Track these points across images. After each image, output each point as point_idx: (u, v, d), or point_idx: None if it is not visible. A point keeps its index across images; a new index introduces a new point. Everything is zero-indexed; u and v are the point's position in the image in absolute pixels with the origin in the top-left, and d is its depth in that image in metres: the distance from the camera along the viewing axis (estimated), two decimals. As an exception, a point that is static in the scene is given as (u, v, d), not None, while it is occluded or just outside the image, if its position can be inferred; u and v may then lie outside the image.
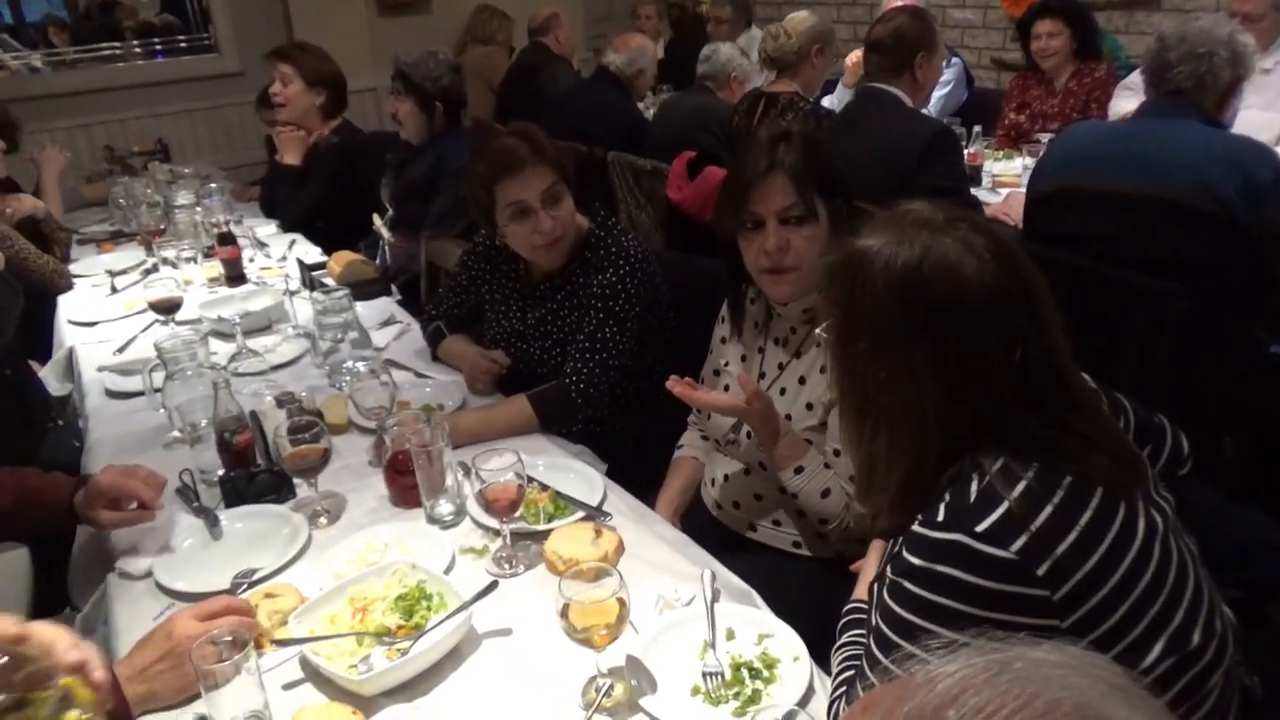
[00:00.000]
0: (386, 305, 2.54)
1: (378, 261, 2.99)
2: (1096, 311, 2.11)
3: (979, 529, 0.86)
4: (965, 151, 3.37)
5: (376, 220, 3.08)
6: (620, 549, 1.43)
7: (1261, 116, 3.20)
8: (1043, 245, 2.36)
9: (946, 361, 0.91)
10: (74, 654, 0.91)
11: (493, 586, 1.28)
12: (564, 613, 1.12)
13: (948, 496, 0.91)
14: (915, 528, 0.91)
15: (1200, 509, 1.18)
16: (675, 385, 1.51)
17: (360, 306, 2.41)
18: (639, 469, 1.84)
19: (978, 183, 3.27)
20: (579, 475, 1.64)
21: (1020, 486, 0.88)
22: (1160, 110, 2.21)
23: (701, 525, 1.72)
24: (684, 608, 1.30)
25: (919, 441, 0.93)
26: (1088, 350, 2.12)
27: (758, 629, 1.25)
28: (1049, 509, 0.87)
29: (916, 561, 0.90)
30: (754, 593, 1.33)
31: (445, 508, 1.55)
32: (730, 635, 1.24)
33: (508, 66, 4.76)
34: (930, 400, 0.92)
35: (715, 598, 1.31)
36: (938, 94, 4.03)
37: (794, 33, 3.08)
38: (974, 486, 0.90)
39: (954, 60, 4.12)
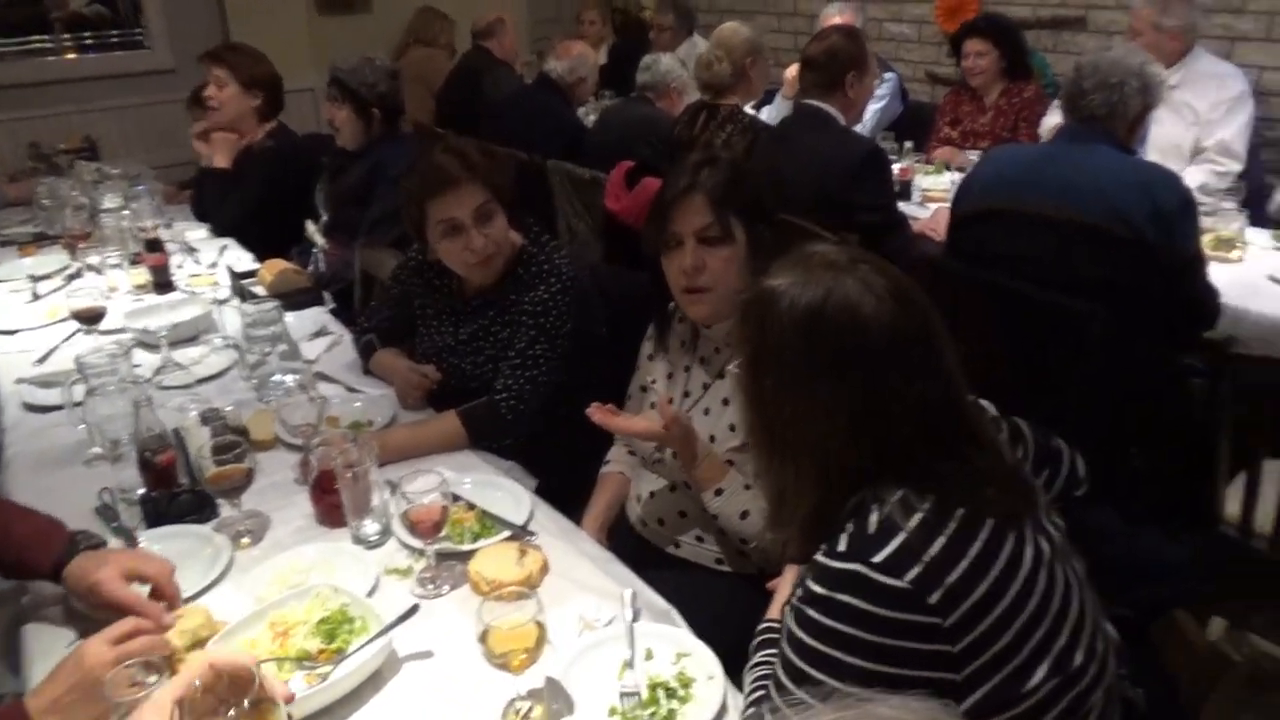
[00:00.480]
0: (319, 316, 2.51)
1: (311, 269, 2.96)
2: (1021, 331, 2.20)
3: (876, 559, 0.91)
4: (896, 166, 3.46)
5: (310, 226, 3.05)
6: (545, 568, 1.45)
7: (1173, 132, 3.33)
8: (969, 265, 2.44)
9: (849, 398, 0.95)
10: (282, 688, 1.01)
11: (413, 610, 1.29)
12: (483, 637, 1.14)
13: (850, 527, 0.95)
14: (818, 557, 0.95)
15: (1096, 530, 1.24)
16: (595, 413, 1.54)
17: (291, 317, 2.40)
18: (572, 484, 1.86)
19: (908, 197, 3.36)
20: (506, 493, 1.65)
21: (916, 518, 0.92)
22: (1075, 135, 2.30)
23: (627, 541, 1.75)
24: (605, 628, 1.33)
25: (823, 474, 0.97)
26: (1012, 368, 2.21)
27: (676, 648, 1.28)
28: (942, 540, 0.91)
29: (818, 590, 0.94)
30: (674, 611, 1.36)
31: (371, 527, 1.55)
32: (649, 655, 1.27)
33: (449, 70, 4.73)
34: (833, 435, 0.96)
35: (635, 617, 1.33)
36: (873, 107, 4.11)
37: (726, 55, 3.13)
38: (874, 518, 0.94)
39: (889, 75, 4.21)
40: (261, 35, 4.80)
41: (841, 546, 0.94)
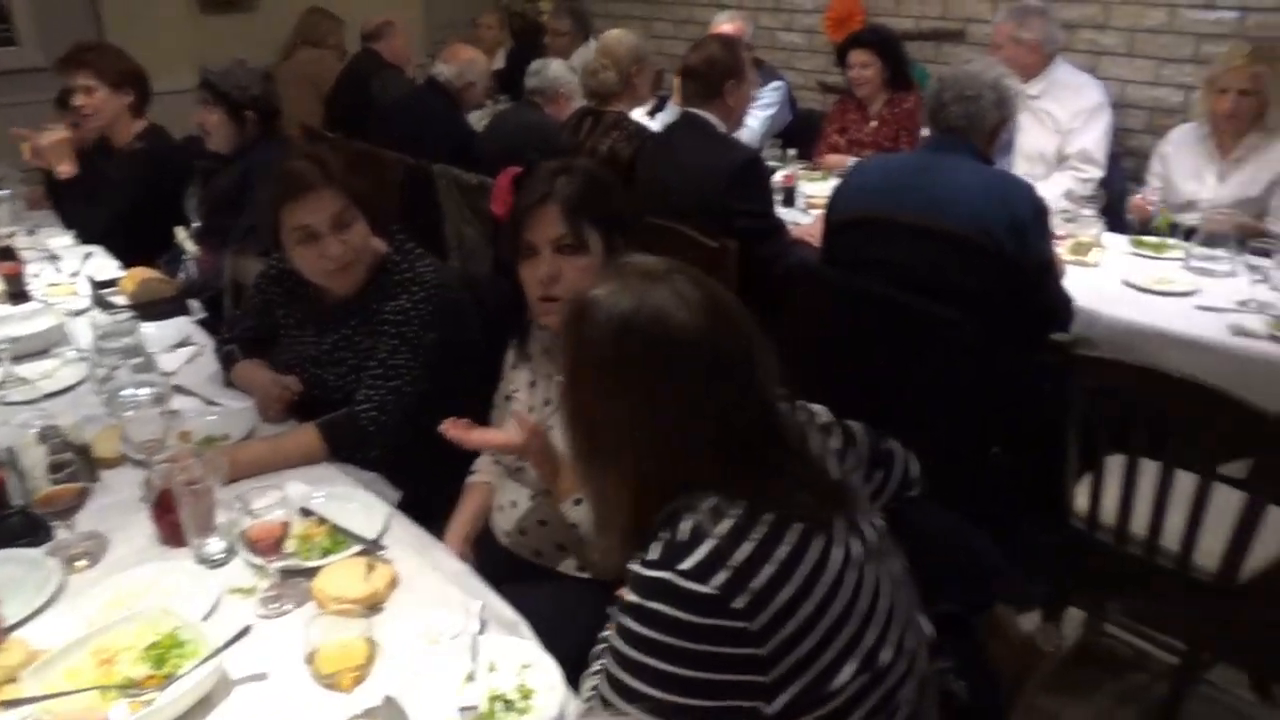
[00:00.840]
0: (183, 326, 2.43)
1: (182, 276, 2.86)
2: (888, 335, 2.26)
3: (683, 566, 0.92)
4: (781, 173, 3.53)
5: (180, 233, 2.94)
6: (393, 583, 1.42)
7: (1038, 140, 3.49)
8: (842, 271, 2.51)
9: (660, 407, 0.96)
10: None
11: (245, 632, 1.25)
12: (310, 658, 1.11)
13: (663, 535, 0.97)
14: (632, 565, 0.96)
15: (928, 530, 1.28)
16: (449, 429, 1.52)
17: (153, 327, 2.32)
18: (441, 495, 1.84)
19: (792, 204, 3.43)
20: (361, 506, 1.62)
21: (726, 525, 0.94)
22: (939, 146, 2.39)
23: (493, 551, 1.74)
24: (451, 641, 1.32)
25: (638, 483, 0.98)
26: (878, 371, 2.26)
27: (520, 660, 1.27)
28: (749, 545, 0.93)
29: (632, 599, 0.95)
30: (523, 623, 1.35)
31: (214, 546, 1.50)
32: (492, 668, 1.26)
33: (339, 72, 4.63)
34: (646, 444, 0.97)
35: (481, 629, 1.32)
36: (763, 115, 4.19)
37: (612, 63, 3.14)
38: (685, 526, 0.95)
39: (778, 83, 4.29)
40: (139, 34, 4.63)
41: (653, 555, 0.95)
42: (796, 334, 2.55)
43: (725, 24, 4.19)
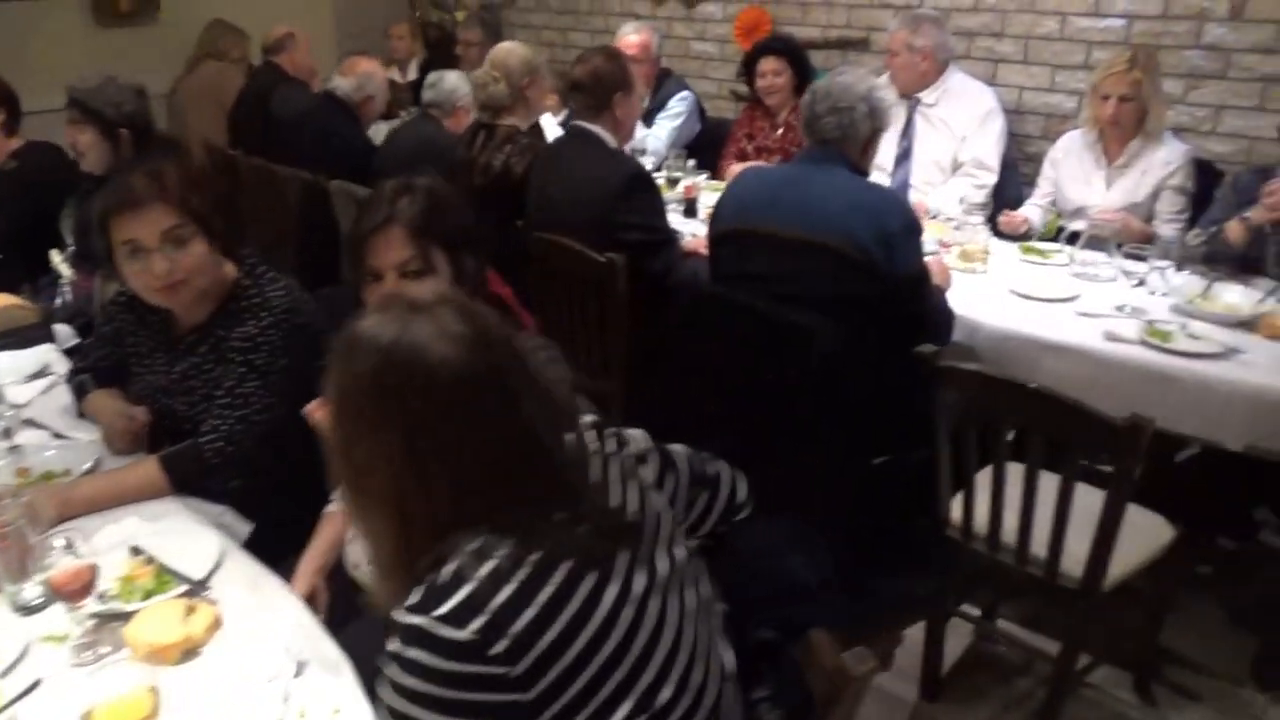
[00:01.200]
0: (44, 355, 2.33)
1: (58, 301, 2.77)
2: (768, 349, 2.26)
3: (440, 612, 0.89)
4: (683, 185, 3.53)
5: (55, 256, 2.84)
6: (215, 625, 1.37)
7: (935, 147, 3.52)
8: (725, 283, 2.50)
9: (420, 444, 0.93)
10: None
11: (35, 686, 1.19)
12: (86, 717, 1.06)
13: (429, 578, 0.93)
14: (393, 612, 0.93)
15: (749, 554, 1.27)
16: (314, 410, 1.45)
17: (8, 357, 2.24)
18: (303, 526, 1.78)
19: (694, 214, 3.42)
20: (195, 542, 1.56)
21: (488, 567, 0.91)
22: (813, 157, 2.39)
23: (344, 585, 1.69)
24: (266, 685, 1.27)
25: (401, 524, 0.95)
26: (756, 383, 2.26)
27: (334, 704, 1.23)
28: (510, 588, 0.90)
29: (392, 647, 0.91)
30: (345, 663, 1.30)
31: (31, 592, 1.43)
32: (302, 714, 1.21)
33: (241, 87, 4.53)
34: (406, 483, 0.93)
35: (299, 671, 1.28)
36: (669, 126, 4.19)
37: (502, 75, 3.11)
38: (448, 569, 0.92)
39: (686, 93, 4.29)
40: (29, 48, 4.49)
41: (414, 600, 0.92)
42: (684, 348, 2.54)
43: (632, 34, 4.18)
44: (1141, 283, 2.66)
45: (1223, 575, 2.70)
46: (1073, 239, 3.00)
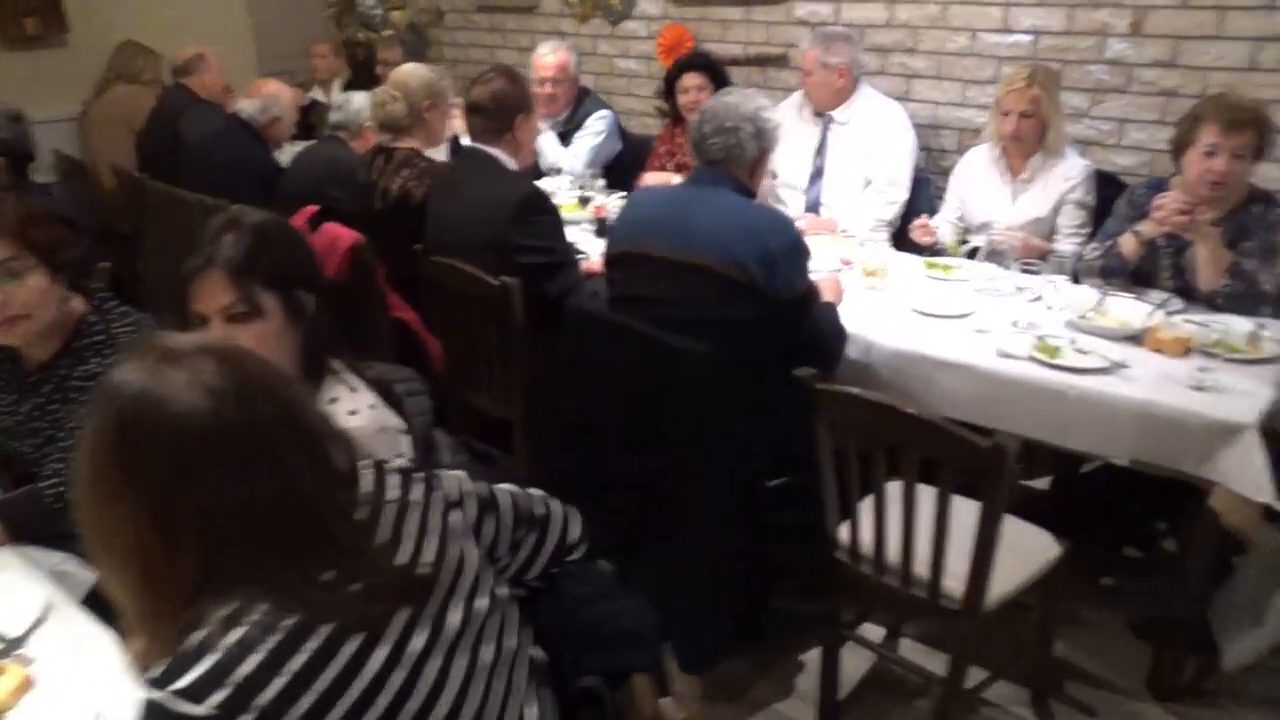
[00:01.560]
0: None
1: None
2: (649, 370, 2.22)
3: (180, 685, 0.84)
4: (593, 205, 3.49)
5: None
6: (24, 688, 1.30)
7: (848, 165, 3.52)
8: (618, 306, 2.46)
9: (163, 504, 0.87)
10: None
11: None
12: None
13: (177, 649, 0.87)
14: (139, 686, 0.87)
15: (568, 598, 1.22)
16: None
17: None
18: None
19: (604, 234, 3.38)
20: (17, 597, 1.48)
21: (236, 635, 0.86)
22: (701, 179, 2.36)
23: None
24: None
25: (147, 587, 0.89)
26: (638, 405, 2.22)
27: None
28: (257, 657, 0.85)
29: (134, 725, 0.86)
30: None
31: None
32: (100, 782, 1.15)
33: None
34: (149, 544, 0.88)
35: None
36: (588, 145, 4.16)
37: (401, 95, 3.06)
38: (195, 638, 0.87)
39: (605, 112, 4.26)
40: (-73, 72, 4.35)
41: (156, 672, 0.86)
42: (576, 373, 2.50)
43: (549, 55, 4.14)
44: (1039, 298, 2.67)
45: (1123, 587, 2.71)
46: (972, 254, 3.00)
